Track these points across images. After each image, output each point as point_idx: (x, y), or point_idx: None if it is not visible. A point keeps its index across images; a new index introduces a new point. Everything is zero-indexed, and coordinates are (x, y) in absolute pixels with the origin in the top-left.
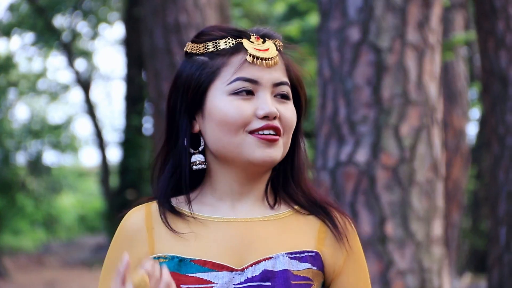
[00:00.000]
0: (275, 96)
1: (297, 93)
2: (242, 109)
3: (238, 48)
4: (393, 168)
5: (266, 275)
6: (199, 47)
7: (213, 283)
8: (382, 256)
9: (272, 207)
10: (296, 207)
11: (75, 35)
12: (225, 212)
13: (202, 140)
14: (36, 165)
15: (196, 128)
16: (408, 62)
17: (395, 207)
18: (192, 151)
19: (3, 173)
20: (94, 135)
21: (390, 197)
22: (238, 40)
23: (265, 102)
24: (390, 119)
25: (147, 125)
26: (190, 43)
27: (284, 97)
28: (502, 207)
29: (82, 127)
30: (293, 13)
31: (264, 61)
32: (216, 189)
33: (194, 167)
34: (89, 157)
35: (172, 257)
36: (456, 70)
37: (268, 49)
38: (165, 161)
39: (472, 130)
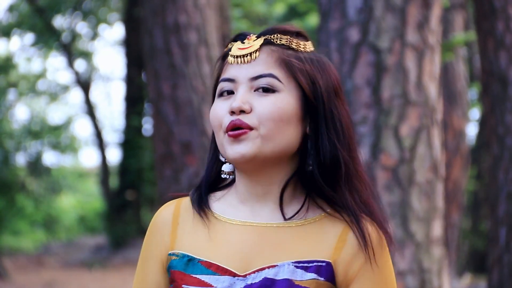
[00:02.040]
0: (256, 90)
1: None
2: (217, 110)
3: (230, 51)
4: (393, 169)
5: (266, 283)
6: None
7: (213, 286)
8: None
9: (284, 214)
10: (329, 210)
11: (75, 35)
12: (245, 215)
13: None
14: (36, 166)
15: None
16: (408, 62)
17: (394, 208)
18: (223, 159)
19: (3, 174)
20: (94, 135)
21: (389, 198)
22: (233, 44)
23: (235, 98)
24: (390, 119)
25: (147, 126)
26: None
27: (265, 90)
28: (502, 208)
29: (82, 128)
30: (293, 13)
31: (239, 58)
32: (238, 191)
33: (223, 175)
34: (89, 158)
35: (183, 256)
36: (456, 71)
37: (249, 46)
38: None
39: (472, 130)
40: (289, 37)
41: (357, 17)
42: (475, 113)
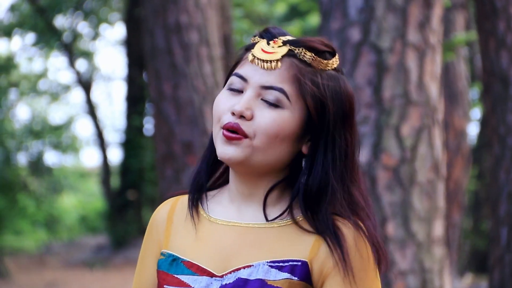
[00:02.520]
0: (263, 99)
1: (309, 107)
2: (222, 103)
3: (253, 46)
4: (394, 169)
5: (238, 284)
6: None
7: (191, 286)
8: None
9: (266, 215)
10: (307, 214)
11: (76, 35)
12: (232, 215)
13: None
14: (37, 166)
15: None
16: (409, 62)
17: (396, 208)
18: None
19: (4, 174)
20: (95, 135)
21: (391, 198)
22: (259, 40)
23: (241, 100)
24: (391, 119)
25: (148, 126)
26: None
27: (270, 103)
28: (503, 208)
29: (83, 128)
30: (294, 13)
31: (259, 61)
32: (230, 189)
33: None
34: (90, 158)
35: (169, 255)
36: (457, 71)
37: (274, 52)
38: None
39: (473, 130)
40: (313, 54)
41: (358, 17)
42: (476, 113)
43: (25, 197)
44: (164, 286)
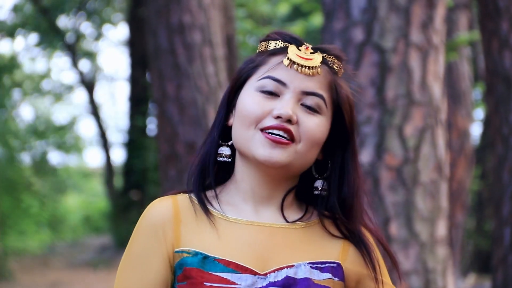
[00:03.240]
0: (302, 104)
1: (341, 114)
2: (259, 105)
3: (282, 52)
4: (397, 169)
5: (288, 282)
6: (259, 46)
7: (237, 284)
8: (386, 256)
9: (285, 217)
10: (323, 218)
11: (79, 35)
12: (249, 215)
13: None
14: (40, 166)
15: (231, 121)
16: (412, 62)
17: (399, 208)
18: (220, 142)
19: (8, 174)
20: (98, 135)
21: (394, 198)
22: (286, 44)
23: (284, 104)
24: (394, 119)
25: (151, 126)
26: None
27: (311, 109)
28: (506, 208)
29: (87, 128)
30: (297, 13)
31: (300, 67)
32: (239, 189)
33: (219, 158)
34: (93, 158)
35: (196, 253)
36: (460, 71)
37: (311, 59)
38: (201, 150)
39: (476, 130)
40: (340, 63)
41: (361, 17)
42: (479, 113)
43: (28, 197)
44: (205, 283)
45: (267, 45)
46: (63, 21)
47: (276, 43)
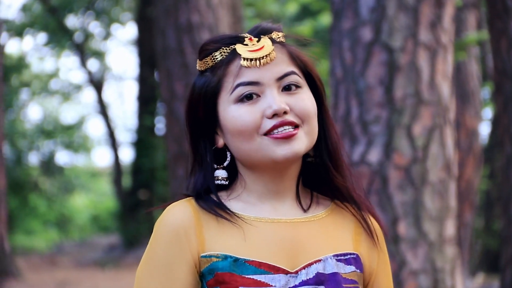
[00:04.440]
0: (283, 89)
1: (310, 77)
2: (249, 114)
3: (234, 55)
4: (406, 168)
5: (320, 278)
6: (201, 64)
7: (271, 285)
8: (395, 256)
9: (303, 207)
10: (332, 203)
11: (88, 35)
12: (269, 213)
13: (228, 154)
14: (48, 165)
15: (221, 142)
16: (421, 62)
17: (407, 207)
18: (215, 166)
19: (16, 173)
20: (106, 135)
21: (402, 197)
22: (231, 47)
23: (271, 101)
24: (403, 119)
25: (160, 125)
26: (198, 61)
27: (293, 87)
28: None
29: (95, 127)
30: (306, 13)
31: (259, 61)
32: (252, 190)
33: (217, 182)
34: (101, 157)
35: (226, 256)
36: (469, 70)
37: (262, 47)
38: (195, 172)
39: (484, 130)
40: (281, 33)
41: (369, 16)
42: (488, 112)
43: (36, 197)
44: (239, 287)
45: (213, 58)
46: (72, 21)
47: (220, 52)
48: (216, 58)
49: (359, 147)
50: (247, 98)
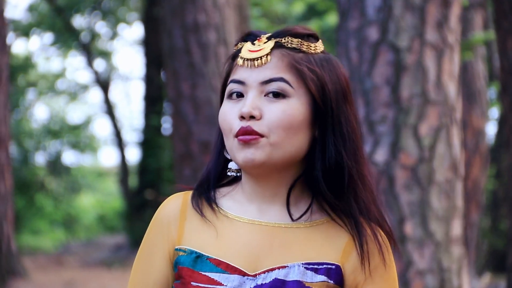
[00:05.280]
0: (266, 95)
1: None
2: (228, 113)
3: (239, 52)
4: (412, 168)
5: (276, 284)
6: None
7: (223, 285)
8: (401, 256)
9: (291, 214)
10: (332, 215)
11: (94, 35)
12: (253, 214)
13: None
14: (55, 165)
15: None
16: (427, 61)
17: (414, 207)
18: (229, 157)
19: (23, 173)
20: (113, 135)
21: (409, 197)
22: (243, 44)
23: (246, 102)
24: (409, 118)
25: (166, 125)
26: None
27: (277, 95)
28: None
29: (101, 127)
30: (312, 12)
31: (249, 61)
32: (244, 190)
33: (229, 173)
34: (108, 157)
35: (191, 252)
36: (475, 70)
37: (260, 49)
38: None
39: (491, 129)
40: (300, 39)
41: (376, 16)
42: (495, 112)
43: (43, 197)
44: (192, 283)
45: (234, 49)
46: (78, 21)
47: (237, 45)
48: (234, 50)
49: (365, 147)
50: (237, 95)
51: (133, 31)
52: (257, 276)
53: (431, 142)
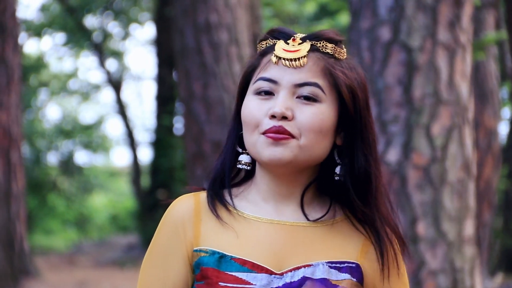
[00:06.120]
0: (298, 97)
1: (342, 97)
2: (256, 109)
3: (271, 49)
4: (425, 168)
5: (305, 282)
6: (258, 47)
7: (252, 284)
8: (414, 256)
9: (306, 214)
10: (347, 213)
11: (106, 35)
12: (269, 213)
13: None
14: (67, 165)
15: None
16: (439, 61)
17: (426, 207)
18: (240, 150)
19: (35, 173)
20: (125, 135)
21: (421, 197)
22: (275, 41)
23: (277, 102)
24: (421, 118)
25: (178, 125)
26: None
27: (308, 99)
28: None
29: (114, 127)
30: (324, 12)
31: (286, 61)
32: (260, 189)
33: (239, 165)
34: (120, 157)
35: (213, 252)
36: (487, 70)
37: (298, 50)
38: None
39: (503, 129)
40: (334, 45)
41: (388, 16)
42: (507, 112)
43: (55, 197)
44: (219, 283)
45: (261, 46)
46: (90, 21)
47: (267, 42)
48: (262, 46)
49: (378, 147)
50: (265, 93)
51: (145, 31)
52: (284, 274)
53: (443, 142)
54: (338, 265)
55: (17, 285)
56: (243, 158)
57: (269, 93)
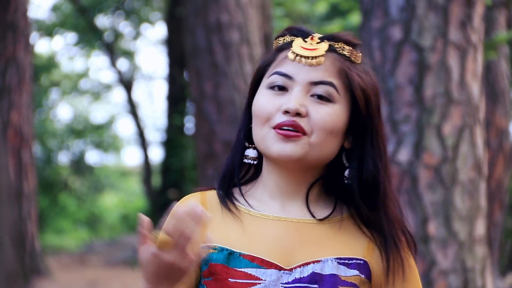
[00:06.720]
0: (312, 95)
1: (355, 100)
2: (268, 103)
3: (289, 46)
4: (436, 168)
5: (314, 278)
6: (274, 43)
7: (261, 279)
8: (425, 256)
9: (311, 212)
10: (351, 211)
11: (117, 35)
12: (276, 210)
13: None
14: (78, 165)
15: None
16: (451, 61)
17: (437, 207)
18: (247, 144)
19: (46, 173)
20: (136, 134)
21: (432, 197)
22: (293, 38)
23: (292, 98)
24: (432, 118)
25: (189, 125)
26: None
27: (322, 98)
28: None
29: (125, 127)
30: (335, 12)
31: (304, 59)
32: (266, 186)
33: (245, 160)
34: (131, 157)
35: (222, 249)
36: (499, 69)
37: (315, 49)
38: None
39: None
40: (351, 48)
41: (399, 16)
42: None
43: (66, 196)
44: (229, 279)
45: (278, 42)
46: (102, 20)
47: (284, 39)
48: (279, 43)
49: (388, 147)
50: (279, 88)
51: (156, 31)
52: (293, 270)
53: (454, 142)
54: (346, 261)
55: (28, 284)
56: (250, 153)
57: (283, 89)
